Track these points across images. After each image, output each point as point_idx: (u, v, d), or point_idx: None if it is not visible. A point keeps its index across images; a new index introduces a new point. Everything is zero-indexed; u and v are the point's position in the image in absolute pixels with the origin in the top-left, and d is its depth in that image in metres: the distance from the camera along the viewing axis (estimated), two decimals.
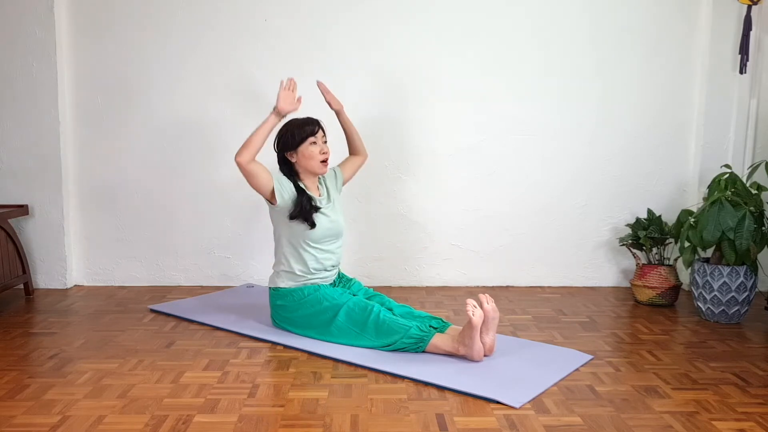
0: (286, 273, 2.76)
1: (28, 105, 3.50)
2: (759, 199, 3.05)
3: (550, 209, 3.71)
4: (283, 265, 2.77)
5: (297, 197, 2.70)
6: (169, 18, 3.54)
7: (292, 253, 2.74)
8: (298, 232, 2.72)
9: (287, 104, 2.71)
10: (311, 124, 2.73)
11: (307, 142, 2.71)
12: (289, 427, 1.91)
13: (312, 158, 2.72)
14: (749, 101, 3.52)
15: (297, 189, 2.73)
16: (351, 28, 3.55)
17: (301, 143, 2.71)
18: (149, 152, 3.63)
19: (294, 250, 2.74)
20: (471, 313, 2.35)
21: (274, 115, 2.69)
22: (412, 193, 3.69)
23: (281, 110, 2.70)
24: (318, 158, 2.72)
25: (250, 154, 2.61)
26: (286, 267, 2.76)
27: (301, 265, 2.74)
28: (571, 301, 3.43)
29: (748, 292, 3.01)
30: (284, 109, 2.70)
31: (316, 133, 2.72)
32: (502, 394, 2.12)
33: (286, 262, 2.75)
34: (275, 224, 2.79)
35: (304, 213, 2.68)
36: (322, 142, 2.75)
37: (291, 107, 2.73)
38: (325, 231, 2.74)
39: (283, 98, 2.70)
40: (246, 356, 2.53)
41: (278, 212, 2.72)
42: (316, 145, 2.72)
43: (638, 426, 1.93)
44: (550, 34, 3.59)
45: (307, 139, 2.71)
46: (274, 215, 2.76)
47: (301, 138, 2.71)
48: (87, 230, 3.69)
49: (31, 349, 2.61)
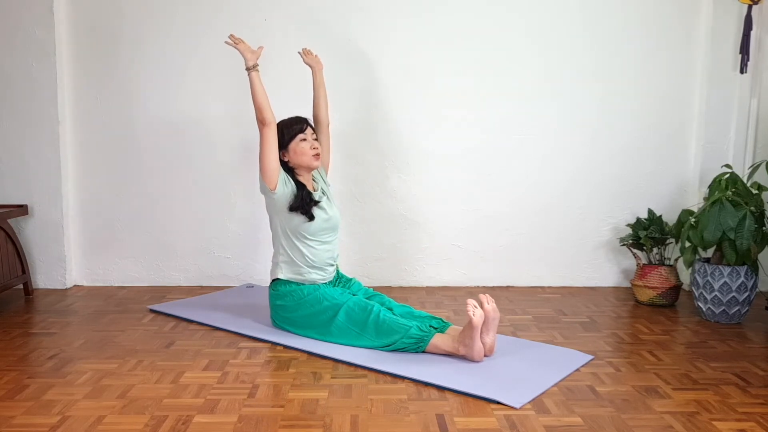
0: (285, 264, 2.79)
1: (28, 105, 3.49)
2: (759, 199, 3.04)
3: (551, 209, 3.71)
4: (281, 255, 2.80)
5: (297, 191, 2.75)
6: (169, 18, 3.54)
7: (289, 245, 2.78)
8: (294, 225, 2.76)
9: (251, 54, 2.75)
10: (299, 123, 2.82)
11: (297, 139, 2.79)
12: (289, 427, 1.91)
13: (304, 154, 2.78)
14: (750, 101, 3.52)
15: (297, 184, 2.78)
16: (351, 28, 3.54)
17: (290, 141, 2.79)
18: (149, 152, 3.63)
19: (291, 242, 2.77)
20: (471, 314, 2.35)
21: (251, 71, 2.74)
22: (412, 193, 3.68)
23: (250, 63, 2.75)
24: (310, 153, 2.79)
25: (269, 110, 2.69)
26: (285, 257, 2.79)
27: (299, 256, 2.77)
28: (571, 302, 3.43)
29: (749, 292, 3.00)
30: (252, 59, 2.75)
31: (305, 130, 2.81)
32: (503, 394, 2.11)
33: (285, 253, 2.79)
34: (271, 215, 2.83)
35: (304, 205, 2.73)
36: (312, 139, 2.82)
37: (255, 54, 2.77)
38: (321, 224, 2.77)
39: (244, 52, 2.76)
40: (246, 356, 2.53)
41: (275, 201, 2.75)
42: (306, 141, 2.79)
43: (639, 426, 1.93)
44: (551, 35, 3.58)
45: (296, 136, 2.79)
46: (271, 205, 2.80)
47: (291, 136, 2.79)
48: (87, 230, 3.69)
49: (31, 349, 2.61)
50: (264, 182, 2.73)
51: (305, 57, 3.12)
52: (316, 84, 3.08)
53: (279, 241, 2.81)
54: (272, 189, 2.71)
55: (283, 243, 2.79)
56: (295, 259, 2.77)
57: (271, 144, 2.69)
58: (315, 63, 3.09)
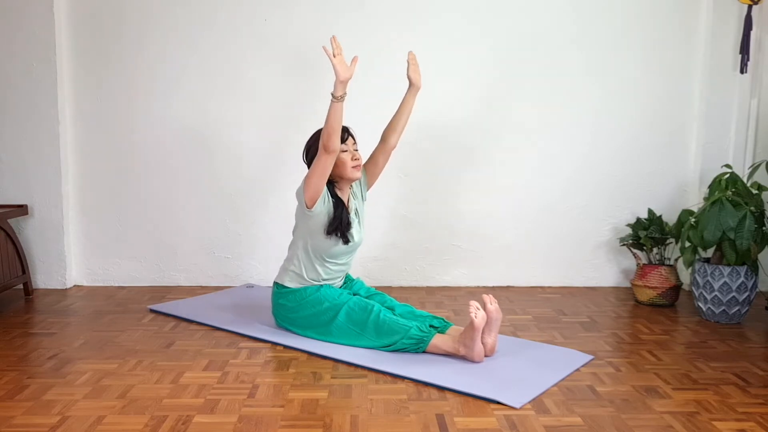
0: (296, 275, 2.74)
1: (28, 105, 3.49)
2: (759, 199, 3.05)
3: (550, 209, 3.71)
4: (294, 265, 2.74)
5: (334, 210, 2.65)
6: (169, 18, 3.54)
7: (306, 261, 2.71)
8: (318, 244, 2.67)
9: (345, 71, 2.47)
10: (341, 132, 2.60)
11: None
12: (289, 427, 1.91)
13: (344, 165, 2.65)
14: (750, 101, 3.52)
15: (334, 198, 2.67)
16: (351, 28, 3.54)
17: None
18: (149, 152, 3.63)
19: (308, 259, 2.71)
20: (473, 315, 2.35)
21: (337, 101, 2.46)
22: (412, 193, 3.68)
23: (343, 80, 2.46)
24: (350, 164, 2.66)
25: (338, 139, 2.51)
26: (297, 269, 2.73)
27: (313, 274, 2.72)
28: (571, 301, 3.43)
29: (749, 292, 3.00)
30: (344, 77, 2.47)
31: (346, 140, 2.66)
32: (503, 394, 2.11)
33: (298, 264, 2.73)
34: (299, 225, 2.73)
35: (342, 228, 2.64)
36: (353, 149, 2.69)
37: (349, 72, 2.49)
38: (345, 248, 2.71)
39: (337, 66, 2.46)
40: (246, 356, 2.53)
41: (308, 216, 2.64)
42: (347, 152, 2.65)
43: (639, 426, 1.93)
44: (551, 35, 3.58)
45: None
46: (302, 218, 2.69)
47: None
48: (87, 230, 3.69)
49: (31, 349, 2.61)
50: (303, 198, 2.61)
51: (411, 66, 2.78)
52: (406, 105, 2.81)
53: (296, 252, 2.74)
54: (309, 207, 2.62)
55: (300, 256, 2.72)
56: (306, 275, 2.71)
57: (327, 170, 2.54)
58: (417, 80, 2.79)
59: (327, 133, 2.48)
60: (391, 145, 2.84)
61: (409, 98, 2.82)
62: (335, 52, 2.49)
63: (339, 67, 2.46)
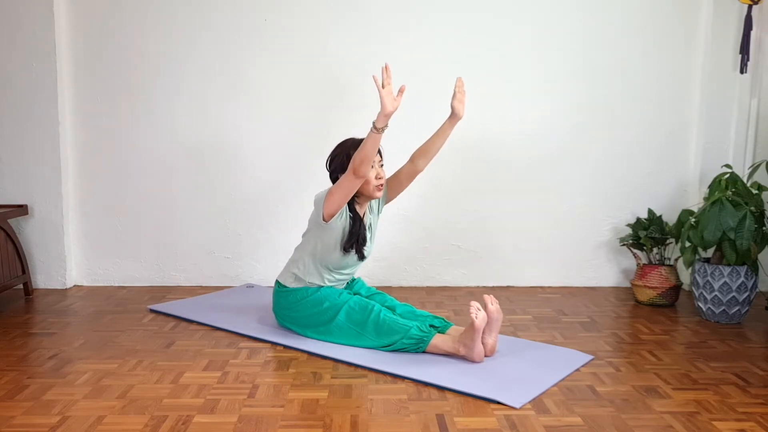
0: (299, 279, 2.73)
1: (28, 105, 3.49)
2: (760, 199, 3.05)
3: (551, 209, 3.71)
4: (298, 269, 2.73)
5: (351, 226, 2.63)
6: (169, 18, 3.53)
7: (310, 266, 2.70)
8: (327, 254, 2.65)
9: (391, 103, 2.37)
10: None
11: None
12: (289, 427, 1.91)
13: (368, 183, 2.59)
14: (750, 101, 3.52)
15: (352, 213, 2.65)
16: (352, 28, 3.54)
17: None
18: (149, 152, 3.63)
19: (314, 265, 2.70)
20: (474, 316, 2.35)
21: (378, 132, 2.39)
22: (412, 193, 3.68)
23: (388, 113, 2.38)
24: (374, 183, 2.60)
25: (369, 167, 2.47)
26: (300, 273, 2.72)
27: (317, 279, 2.71)
28: (571, 301, 3.43)
29: (749, 292, 3.00)
30: (390, 110, 2.37)
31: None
32: (503, 394, 2.11)
33: (303, 269, 2.71)
34: (311, 230, 2.70)
35: (359, 244, 2.63)
36: (379, 166, 2.64)
37: (395, 105, 2.39)
38: (355, 261, 2.71)
39: (384, 99, 2.36)
40: (246, 356, 2.53)
41: (322, 228, 2.62)
42: (372, 168, 2.58)
43: (639, 426, 1.93)
44: (550, 35, 3.58)
45: None
46: (316, 226, 2.65)
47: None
48: (87, 230, 3.69)
49: (31, 349, 2.61)
50: (322, 209, 2.57)
51: (457, 95, 2.66)
52: (443, 133, 2.73)
53: (303, 256, 2.72)
54: (326, 221, 2.59)
55: (306, 261, 2.70)
56: (308, 279, 2.70)
57: (353, 192, 2.52)
58: (460, 110, 2.67)
59: (360, 159, 2.42)
60: (419, 169, 2.78)
61: (447, 127, 2.72)
62: (385, 82, 2.38)
63: (386, 99, 2.36)
